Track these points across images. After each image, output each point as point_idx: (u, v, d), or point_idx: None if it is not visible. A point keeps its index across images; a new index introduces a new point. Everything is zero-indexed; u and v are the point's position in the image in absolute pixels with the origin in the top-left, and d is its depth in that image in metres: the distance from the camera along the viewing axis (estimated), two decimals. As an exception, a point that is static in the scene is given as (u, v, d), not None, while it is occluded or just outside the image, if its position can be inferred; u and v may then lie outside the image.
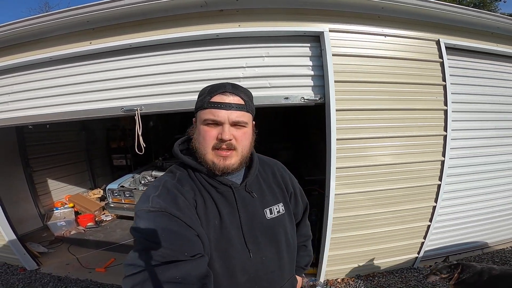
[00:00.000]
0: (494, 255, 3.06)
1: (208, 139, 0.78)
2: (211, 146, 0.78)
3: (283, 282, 0.91)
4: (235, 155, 0.80)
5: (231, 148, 0.79)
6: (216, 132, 0.78)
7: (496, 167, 2.93)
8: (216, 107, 0.77)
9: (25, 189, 4.27)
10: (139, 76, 2.31)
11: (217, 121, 0.77)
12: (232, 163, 0.80)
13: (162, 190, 0.76)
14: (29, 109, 2.58)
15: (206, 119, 0.78)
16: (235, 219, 0.82)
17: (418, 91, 2.45)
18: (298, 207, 1.05)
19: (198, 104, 0.83)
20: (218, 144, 0.78)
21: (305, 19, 2.21)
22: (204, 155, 0.80)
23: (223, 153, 0.78)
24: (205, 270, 0.64)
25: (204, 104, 0.79)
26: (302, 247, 1.12)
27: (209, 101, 0.78)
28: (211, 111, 0.77)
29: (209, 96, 0.79)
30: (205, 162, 0.80)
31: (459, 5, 2.42)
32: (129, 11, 2.11)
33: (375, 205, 2.55)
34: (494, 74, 2.80)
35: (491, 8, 11.71)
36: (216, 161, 0.79)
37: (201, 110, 0.80)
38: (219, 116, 0.77)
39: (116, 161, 6.13)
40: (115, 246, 3.69)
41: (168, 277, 0.58)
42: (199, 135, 0.81)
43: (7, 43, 2.46)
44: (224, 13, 2.16)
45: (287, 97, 2.25)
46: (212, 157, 0.79)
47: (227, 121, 0.77)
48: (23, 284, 2.90)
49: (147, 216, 0.70)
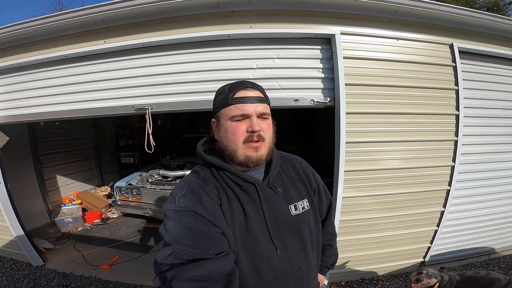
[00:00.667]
0: (500, 260, 3.01)
1: (238, 134, 0.80)
2: (242, 140, 0.80)
3: (310, 279, 0.91)
4: (263, 146, 0.83)
5: (260, 139, 0.81)
6: (245, 125, 0.80)
7: (506, 173, 2.89)
8: (242, 101, 0.80)
9: (35, 185, 4.34)
10: (151, 75, 2.34)
11: (245, 114, 0.80)
12: (263, 154, 0.83)
13: (187, 190, 0.78)
14: (43, 106, 2.63)
15: (234, 115, 0.80)
16: (259, 215, 0.83)
17: (429, 95, 2.42)
18: (322, 204, 1.04)
19: (220, 102, 0.84)
20: (250, 136, 0.80)
21: (316, 21, 2.21)
22: (235, 150, 0.81)
23: (254, 144, 0.81)
24: (230, 268, 0.65)
25: (228, 101, 0.81)
26: (327, 246, 1.12)
27: (234, 97, 0.80)
28: (237, 107, 0.80)
29: (232, 93, 0.81)
30: (237, 158, 0.82)
31: (472, 8, 2.39)
32: (142, 11, 2.14)
33: (383, 209, 2.53)
34: (507, 79, 2.76)
35: (505, 12, 11.54)
36: (249, 154, 0.81)
37: (225, 107, 0.82)
38: (247, 110, 0.79)
39: (124, 159, 6.20)
40: (120, 243, 3.72)
41: (194, 275, 0.59)
42: (227, 132, 0.82)
43: (23, 41, 2.52)
44: (235, 14, 2.18)
45: (297, 99, 2.25)
46: (244, 150, 0.81)
47: (254, 113, 0.80)
48: (28, 280, 2.93)
49: (173, 216, 0.72)
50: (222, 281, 0.61)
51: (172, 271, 0.60)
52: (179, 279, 0.59)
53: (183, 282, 0.58)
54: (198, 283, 0.59)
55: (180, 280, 0.58)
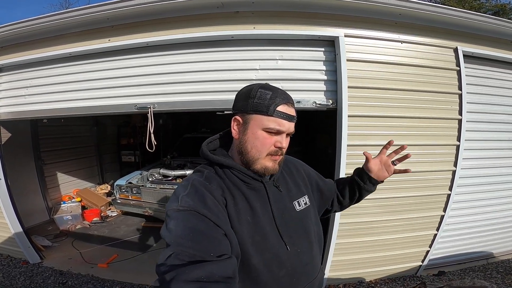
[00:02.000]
0: (498, 265, 3.02)
1: (267, 146, 0.81)
2: (268, 152, 0.82)
3: (316, 273, 0.92)
4: (280, 160, 0.86)
5: (282, 154, 0.85)
6: (274, 140, 0.82)
7: (507, 178, 2.89)
8: (284, 117, 0.80)
9: (35, 182, 4.34)
10: (154, 75, 2.35)
11: (281, 131, 0.81)
12: (278, 166, 0.86)
13: (190, 189, 0.77)
14: (46, 103, 2.64)
15: (270, 127, 0.80)
16: (268, 213, 0.84)
17: (433, 99, 2.41)
18: (329, 185, 1.13)
19: (258, 107, 0.80)
20: (276, 152, 0.83)
21: (320, 23, 2.21)
22: (257, 159, 0.82)
23: (276, 158, 0.84)
24: (230, 272, 0.64)
25: (269, 111, 0.79)
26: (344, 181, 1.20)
27: (277, 110, 0.79)
28: (276, 120, 0.80)
29: (274, 104, 0.79)
30: (255, 165, 0.83)
31: (477, 12, 2.39)
32: (147, 10, 2.15)
33: (383, 212, 2.52)
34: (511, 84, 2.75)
35: (510, 16, 11.54)
36: (268, 165, 0.83)
37: (263, 115, 0.80)
38: (284, 127, 0.81)
39: (125, 158, 6.20)
40: (119, 242, 3.71)
41: (193, 277, 0.59)
42: (256, 140, 0.82)
43: (28, 38, 2.54)
44: (239, 14, 2.18)
45: (299, 101, 2.24)
46: (266, 161, 0.83)
47: (287, 131, 0.82)
48: (24, 277, 2.91)
49: (176, 215, 0.71)
50: (221, 283, 0.60)
51: (172, 272, 0.60)
52: (178, 280, 0.58)
53: (182, 284, 0.58)
54: (198, 285, 0.58)
55: (180, 281, 0.58)
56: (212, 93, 2.28)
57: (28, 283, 2.81)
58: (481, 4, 11.93)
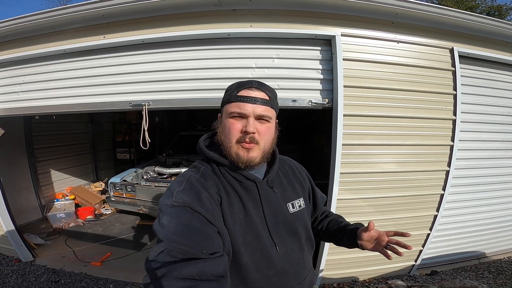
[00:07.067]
0: (490, 265, 3.05)
1: (233, 132, 0.81)
2: (235, 139, 0.81)
3: (306, 274, 0.93)
4: (256, 149, 0.82)
5: (253, 141, 0.81)
6: (241, 125, 0.81)
7: (500, 179, 2.92)
8: (243, 100, 0.81)
9: (28, 179, 4.28)
10: (149, 72, 2.32)
11: (242, 113, 0.80)
12: (254, 156, 0.82)
13: (186, 185, 0.77)
14: (39, 100, 2.61)
15: (232, 112, 0.81)
16: (259, 213, 0.84)
17: (427, 99, 2.43)
18: (317, 198, 1.08)
19: (225, 98, 0.86)
20: (242, 137, 0.80)
21: (317, 22, 2.20)
22: (229, 147, 0.82)
23: (246, 145, 0.81)
24: (221, 271, 0.64)
25: (231, 98, 0.82)
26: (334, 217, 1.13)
27: (236, 95, 0.82)
28: (237, 104, 0.81)
29: (236, 90, 0.83)
30: (230, 155, 0.82)
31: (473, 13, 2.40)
32: (142, 7, 2.12)
33: (377, 211, 2.53)
34: (507, 85, 2.78)
35: (506, 17, 11.66)
36: (240, 153, 0.81)
37: (228, 103, 0.84)
38: (245, 109, 0.80)
39: (120, 155, 6.15)
40: (113, 240, 3.70)
41: (185, 274, 0.59)
42: (225, 128, 0.84)
43: (23, 35, 2.50)
44: (236, 13, 2.17)
45: (295, 100, 2.24)
46: (236, 149, 0.81)
47: (252, 114, 0.80)
48: (16, 275, 2.88)
49: (169, 211, 0.70)
50: (213, 282, 0.60)
51: (163, 269, 0.59)
52: (169, 277, 0.57)
53: (173, 281, 0.57)
54: (189, 282, 0.58)
55: (171, 278, 0.57)
56: (208, 91, 2.26)
57: (20, 282, 2.77)
58: (476, 5, 12.05)
